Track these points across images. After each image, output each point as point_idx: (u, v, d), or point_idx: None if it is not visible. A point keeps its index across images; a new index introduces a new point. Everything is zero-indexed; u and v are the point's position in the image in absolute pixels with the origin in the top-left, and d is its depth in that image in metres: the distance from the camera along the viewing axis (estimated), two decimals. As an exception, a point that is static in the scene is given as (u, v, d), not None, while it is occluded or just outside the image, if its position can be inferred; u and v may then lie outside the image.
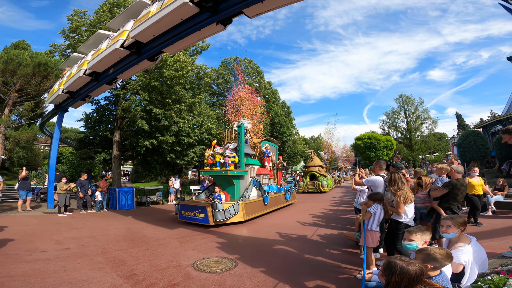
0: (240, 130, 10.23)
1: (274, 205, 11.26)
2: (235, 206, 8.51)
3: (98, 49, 9.54)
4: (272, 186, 12.18)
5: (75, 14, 17.26)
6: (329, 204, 13.69)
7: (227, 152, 9.49)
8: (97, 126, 19.23)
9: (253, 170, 10.92)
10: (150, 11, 7.23)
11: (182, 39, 7.35)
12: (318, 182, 20.65)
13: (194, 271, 4.38)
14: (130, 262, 4.83)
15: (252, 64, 34.03)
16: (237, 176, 9.78)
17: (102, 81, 10.13)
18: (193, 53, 21.46)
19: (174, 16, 6.61)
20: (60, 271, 4.28)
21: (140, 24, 7.36)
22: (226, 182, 9.77)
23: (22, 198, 11.13)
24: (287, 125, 34.19)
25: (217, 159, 9.40)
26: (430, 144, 51.68)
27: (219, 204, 8.17)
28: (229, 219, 8.26)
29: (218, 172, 9.35)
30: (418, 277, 1.75)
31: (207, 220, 8.11)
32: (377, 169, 4.95)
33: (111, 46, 8.44)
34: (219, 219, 8.05)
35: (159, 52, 8.31)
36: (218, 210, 8.12)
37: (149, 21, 7.00)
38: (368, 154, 46.42)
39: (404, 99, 53.79)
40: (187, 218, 8.84)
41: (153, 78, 16.57)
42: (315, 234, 7.05)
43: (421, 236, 2.70)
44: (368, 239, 3.91)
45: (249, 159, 10.86)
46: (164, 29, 7.29)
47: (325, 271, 4.43)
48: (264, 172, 11.74)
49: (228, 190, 9.68)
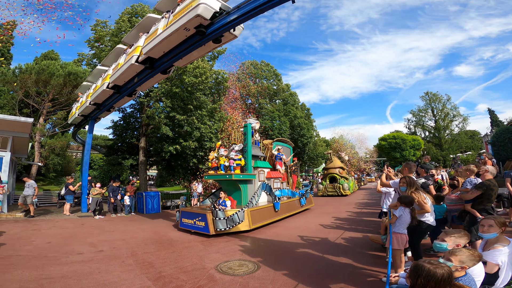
0: (247, 130, 9.52)
1: (286, 211, 10.34)
2: (240, 214, 7.73)
3: (117, 63, 10.19)
4: (285, 191, 11.38)
5: (97, 25, 18.30)
6: (351, 207, 13.34)
7: (232, 154, 8.83)
8: (124, 133, 20.15)
9: (262, 173, 10.24)
10: (157, 28, 7.94)
11: (189, 53, 8.02)
12: (339, 185, 19.64)
13: (218, 274, 4.47)
14: (157, 264, 5.02)
15: (269, 67, 34.09)
16: (244, 181, 9.08)
17: (123, 94, 10.78)
18: (211, 58, 21.95)
19: (177, 35, 7.38)
20: (95, 273, 4.54)
21: (150, 41, 7.99)
22: (232, 187, 9.12)
23: (69, 202, 12.04)
24: (307, 127, 33.79)
25: (222, 162, 8.73)
26: (461, 142, 48.91)
27: (219, 212, 7.49)
28: (232, 228, 7.54)
29: (222, 176, 8.73)
30: (445, 280, 1.72)
31: (208, 229, 7.43)
32: (406, 171, 4.80)
33: (128, 61, 9.08)
34: (220, 228, 7.37)
35: (170, 66, 8.84)
36: (219, 218, 7.45)
37: (157, 39, 7.68)
38: (394, 154, 44.73)
39: (431, 96, 51.50)
40: (187, 226, 8.22)
41: (175, 85, 17.13)
42: (339, 237, 6.91)
43: (456, 239, 2.63)
44: (394, 242, 3.80)
45: (258, 161, 10.21)
46: (171, 46, 7.94)
47: (349, 274, 4.36)
48: (276, 175, 11.01)
49: (234, 195, 9.02)
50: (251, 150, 9.44)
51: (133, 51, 8.84)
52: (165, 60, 8.44)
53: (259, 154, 10.58)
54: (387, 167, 5.42)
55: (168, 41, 7.58)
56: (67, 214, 11.60)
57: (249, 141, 9.42)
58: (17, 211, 11.27)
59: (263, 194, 9.82)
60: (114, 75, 10.02)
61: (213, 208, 7.62)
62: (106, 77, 10.71)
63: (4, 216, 10.55)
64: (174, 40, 7.64)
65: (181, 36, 7.42)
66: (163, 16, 8.13)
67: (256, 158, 10.12)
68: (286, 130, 29.86)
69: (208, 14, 6.74)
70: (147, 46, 8.08)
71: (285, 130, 29.75)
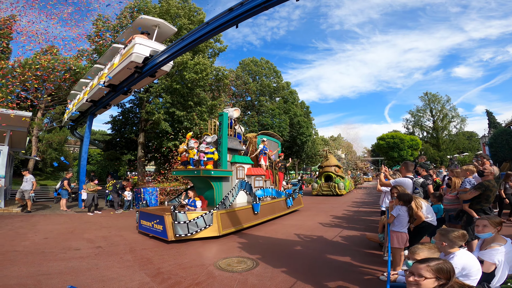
0: (222, 119, 8.32)
1: (269, 213, 9.18)
2: (207, 217, 6.69)
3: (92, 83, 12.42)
4: (269, 190, 10.19)
5: (99, 19, 18.14)
6: (346, 206, 13.40)
7: (202, 147, 7.68)
8: (123, 128, 20.08)
9: (241, 170, 9.13)
10: (114, 63, 10.58)
11: (138, 83, 10.85)
12: (334, 184, 18.88)
13: (216, 270, 4.48)
14: (156, 261, 5.02)
15: (269, 65, 33.97)
16: (218, 178, 7.93)
17: (118, 92, 11.72)
18: (211, 55, 21.83)
19: (124, 72, 10.27)
20: (92, 269, 4.52)
21: (109, 72, 10.63)
22: (204, 184, 8.00)
23: (64, 198, 12.00)
24: (306, 125, 33.80)
25: (191, 156, 7.62)
26: (459, 143, 49.18)
27: (180, 214, 6.39)
28: (196, 233, 6.49)
29: (190, 172, 7.65)
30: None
31: (165, 234, 6.39)
32: (403, 170, 4.82)
33: (97, 85, 11.49)
34: (179, 233, 6.29)
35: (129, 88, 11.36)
36: (179, 222, 6.33)
37: (112, 73, 10.46)
38: (392, 154, 45.00)
39: (430, 97, 51.62)
40: (146, 229, 7.18)
41: (175, 81, 17.06)
42: (337, 235, 6.94)
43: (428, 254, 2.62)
44: (393, 240, 3.83)
45: (237, 156, 9.18)
46: (122, 78, 10.80)
47: (347, 271, 4.39)
48: (258, 172, 9.79)
49: (207, 195, 8.02)
50: (226, 142, 8.35)
51: (101, 77, 11.32)
52: (124, 85, 11.03)
53: (238, 147, 9.48)
54: (384, 166, 5.47)
55: (119, 75, 10.43)
56: (64, 210, 11.55)
57: (224, 131, 8.26)
58: (14, 206, 11.22)
59: (242, 194, 8.86)
60: (90, 93, 12.47)
61: (173, 210, 6.46)
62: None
63: (1, 211, 10.50)
64: (123, 75, 10.46)
65: (127, 72, 10.21)
66: (120, 50, 10.75)
67: (234, 152, 9.16)
68: (286, 128, 29.82)
69: (140, 59, 9.42)
70: (107, 76, 10.67)
71: (285, 128, 29.71)
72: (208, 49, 21.43)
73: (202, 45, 19.29)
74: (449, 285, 1.71)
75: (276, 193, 10.65)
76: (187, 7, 20.10)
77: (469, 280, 2.33)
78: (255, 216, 8.33)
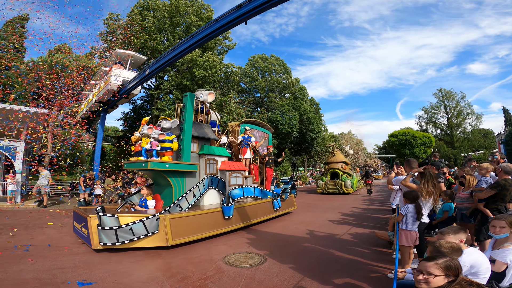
0: (187, 101, 6.88)
1: (247, 218, 7.50)
2: (149, 222, 5.33)
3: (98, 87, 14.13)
4: (250, 189, 8.21)
5: (110, 18, 18.42)
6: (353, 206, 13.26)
7: (155, 133, 6.32)
8: (134, 124, 20.44)
9: (212, 163, 7.51)
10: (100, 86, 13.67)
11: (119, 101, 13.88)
12: (341, 182, 17.72)
13: (225, 265, 4.53)
14: (166, 255, 5.12)
15: (279, 61, 33.74)
16: (178, 172, 6.53)
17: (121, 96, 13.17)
18: (220, 52, 21.88)
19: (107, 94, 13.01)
20: (105, 263, 4.65)
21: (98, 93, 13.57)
22: (165, 181, 6.57)
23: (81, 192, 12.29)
24: (316, 121, 33.55)
25: (143, 145, 6.35)
26: (474, 141, 47.82)
27: (106, 218, 5.11)
28: (130, 242, 5.19)
29: (137, 165, 6.33)
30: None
31: (89, 240, 5.26)
32: (407, 168, 4.73)
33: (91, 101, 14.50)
34: (104, 242, 5.03)
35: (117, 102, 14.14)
36: (104, 228, 5.05)
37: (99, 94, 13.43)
38: (404, 151, 44.11)
39: (444, 93, 50.27)
40: (77, 232, 6.16)
41: (185, 78, 17.22)
42: (346, 233, 6.90)
43: (454, 236, 2.64)
44: (402, 238, 3.79)
45: (207, 146, 7.57)
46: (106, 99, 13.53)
47: (355, 269, 4.38)
48: (236, 167, 8.12)
49: (165, 194, 6.73)
50: (190, 128, 6.86)
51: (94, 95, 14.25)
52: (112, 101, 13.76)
53: (210, 136, 7.91)
54: (397, 166, 5.31)
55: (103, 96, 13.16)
56: None
57: (188, 115, 6.79)
58: (31, 201, 11.61)
59: (213, 194, 7.41)
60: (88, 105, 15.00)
61: (97, 211, 5.20)
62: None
63: (18, 206, 10.89)
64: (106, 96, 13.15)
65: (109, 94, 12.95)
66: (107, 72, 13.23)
67: (205, 142, 7.66)
68: (295, 124, 29.65)
69: (115, 87, 12.44)
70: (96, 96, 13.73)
71: (295, 124, 29.53)
72: (217, 46, 21.50)
73: (211, 42, 19.38)
74: (457, 281, 1.70)
75: (260, 193, 8.62)
76: (196, 4, 20.16)
77: (478, 279, 2.29)
78: (226, 221, 6.75)
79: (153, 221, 5.39)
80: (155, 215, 5.48)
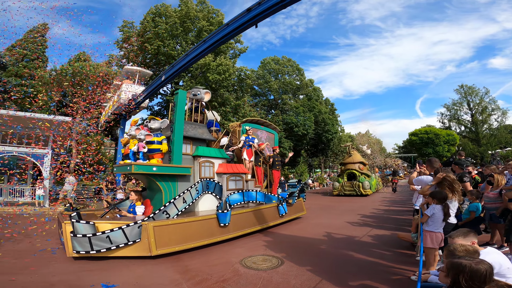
0: (177, 99, 6.34)
1: (248, 225, 6.96)
2: (130, 230, 4.93)
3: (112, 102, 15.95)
4: (252, 194, 7.67)
5: (124, 25, 19.08)
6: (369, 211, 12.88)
7: (141, 134, 5.89)
8: (151, 130, 21.01)
9: (209, 166, 6.97)
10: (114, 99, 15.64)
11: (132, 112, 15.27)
12: (358, 183, 17.00)
13: (242, 268, 4.53)
14: (185, 258, 5.18)
15: (292, 63, 33.55)
16: (168, 176, 6.08)
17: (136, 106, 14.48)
18: (233, 56, 22.07)
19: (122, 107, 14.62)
20: (129, 265, 4.76)
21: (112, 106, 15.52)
22: (156, 185, 6.15)
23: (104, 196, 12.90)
24: (331, 122, 33.01)
25: (131, 147, 6.01)
26: (501, 137, 45.28)
27: (79, 224, 4.74)
28: (108, 251, 4.83)
29: (122, 169, 6.05)
30: (490, 276, 1.67)
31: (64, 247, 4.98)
32: (428, 168, 4.55)
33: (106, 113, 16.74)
34: (78, 250, 4.67)
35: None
36: (77, 235, 4.68)
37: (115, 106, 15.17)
38: (426, 150, 42.44)
39: (466, 89, 48.12)
40: (60, 238, 5.81)
41: (199, 83, 17.52)
42: (366, 235, 6.72)
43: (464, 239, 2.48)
44: (426, 240, 3.64)
45: (202, 147, 7.04)
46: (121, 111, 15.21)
47: (375, 271, 4.25)
48: (236, 170, 7.53)
49: (156, 199, 6.32)
50: (182, 128, 6.35)
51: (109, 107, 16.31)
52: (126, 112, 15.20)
53: (205, 136, 7.34)
54: (419, 165, 5.12)
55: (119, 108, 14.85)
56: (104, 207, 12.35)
57: (179, 114, 6.30)
58: (59, 206, 12.16)
59: (210, 199, 6.77)
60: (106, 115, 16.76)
61: (71, 217, 4.79)
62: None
63: (47, 210, 11.44)
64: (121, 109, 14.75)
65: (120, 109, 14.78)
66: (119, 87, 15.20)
67: (199, 143, 7.10)
68: (311, 126, 29.33)
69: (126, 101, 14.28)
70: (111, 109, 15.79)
71: (310, 126, 29.22)
72: (229, 50, 21.72)
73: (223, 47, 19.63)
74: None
75: (264, 198, 8.07)
76: (206, 9, 20.48)
77: (504, 278, 2.16)
78: (222, 229, 6.21)
79: (135, 228, 4.97)
80: (136, 223, 5.05)
